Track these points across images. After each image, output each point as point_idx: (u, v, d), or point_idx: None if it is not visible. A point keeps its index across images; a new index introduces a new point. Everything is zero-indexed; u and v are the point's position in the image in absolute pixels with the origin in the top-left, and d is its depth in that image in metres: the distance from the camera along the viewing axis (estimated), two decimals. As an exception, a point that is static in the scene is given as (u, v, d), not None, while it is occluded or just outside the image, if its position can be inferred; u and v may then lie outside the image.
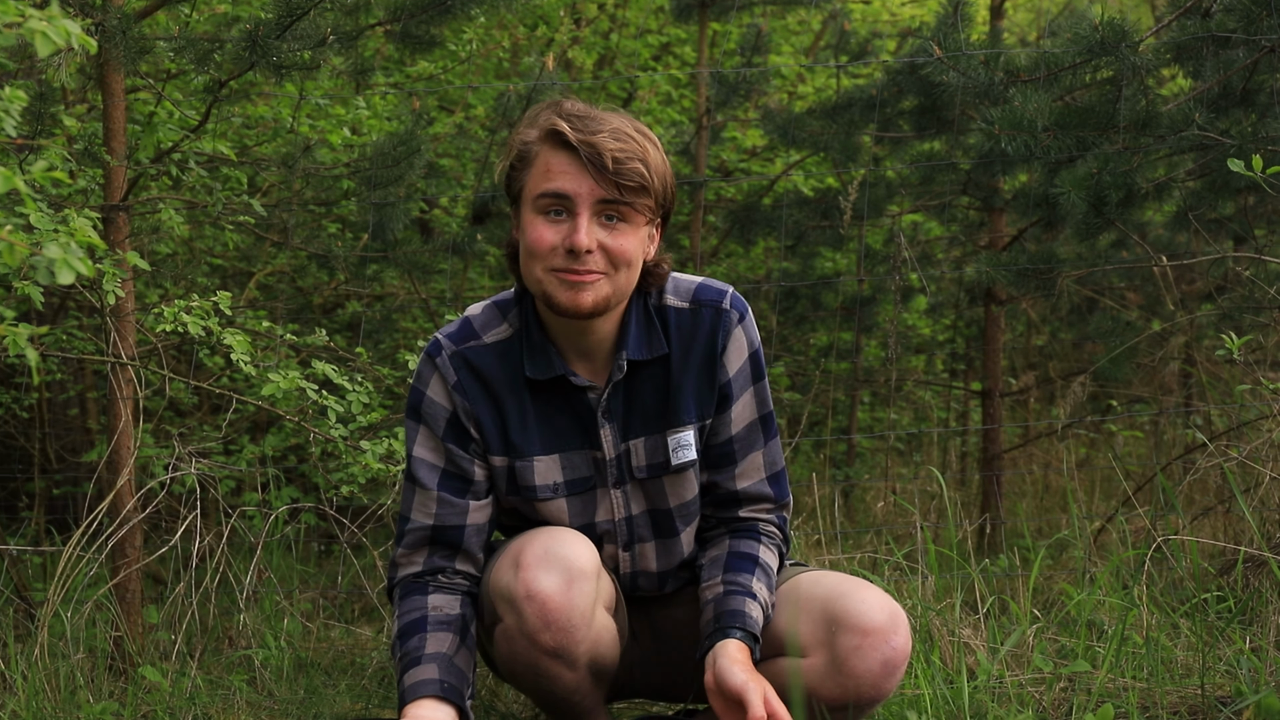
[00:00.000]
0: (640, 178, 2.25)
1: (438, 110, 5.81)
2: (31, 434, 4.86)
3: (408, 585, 2.45)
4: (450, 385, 2.41)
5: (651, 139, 2.31)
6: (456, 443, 2.43)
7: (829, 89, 6.07)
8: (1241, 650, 2.75)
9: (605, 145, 2.22)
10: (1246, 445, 3.70)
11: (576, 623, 2.32)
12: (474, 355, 2.43)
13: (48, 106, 3.42)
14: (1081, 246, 4.63)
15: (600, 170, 2.23)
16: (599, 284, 2.30)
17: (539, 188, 2.28)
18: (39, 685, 2.84)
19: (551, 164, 2.27)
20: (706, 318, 2.45)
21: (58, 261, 1.56)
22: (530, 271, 2.33)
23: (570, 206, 2.27)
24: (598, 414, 2.42)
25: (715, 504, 2.54)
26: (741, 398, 2.48)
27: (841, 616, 2.35)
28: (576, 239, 2.25)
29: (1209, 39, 3.65)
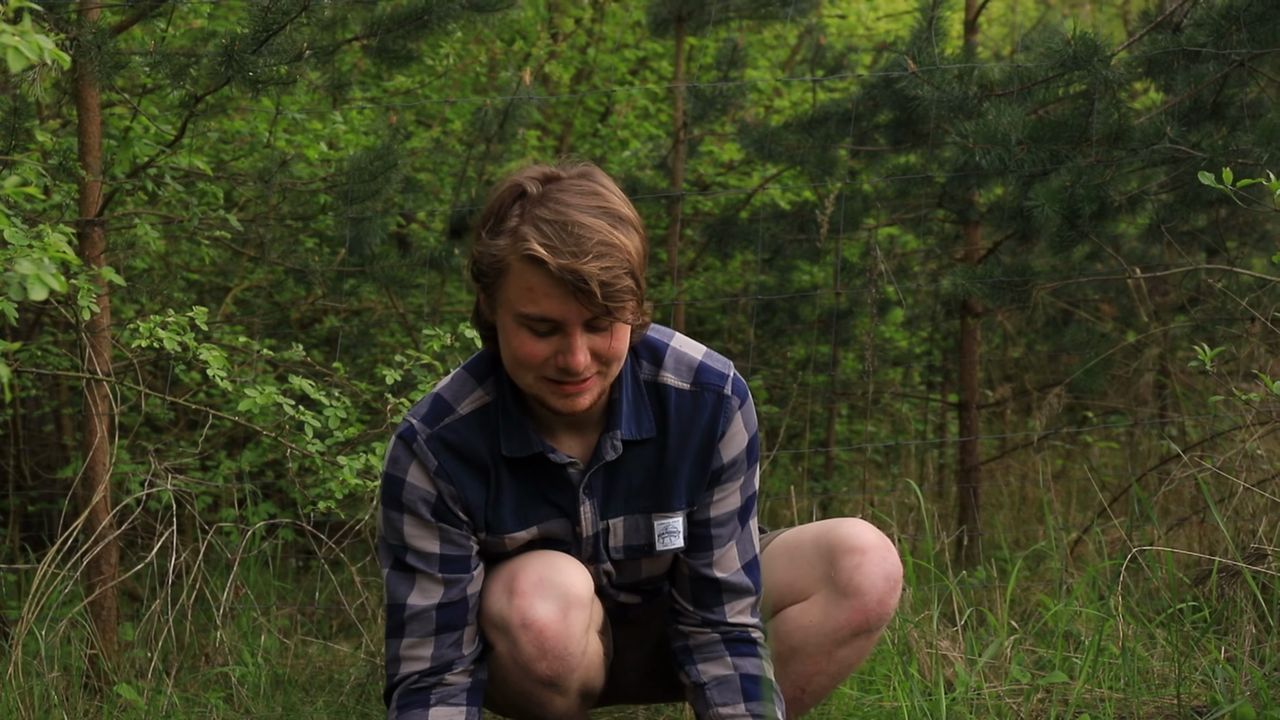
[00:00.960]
0: (630, 293, 2.10)
1: (415, 125, 5.81)
2: (6, 450, 4.83)
3: (408, 693, 2.33)
4: (432, 471, 2.28)
5: (626, 218, 2.13)
6: (449, 523, 2.31)
7: (805, 103, 6.10)
8: (1217, 660, 2.77)
9: (590, 272, 2.04)
10: (1220, 456, 3.73)
11: (572, 650, 2.28)
12: (451, 434, 2.29)
13: (22, 121, 3.41)
14: (1056, 259, 4.66)
15: (588, 298, 2.06)
16: (594, 384, 2.19)
17: (521, 308, 2.11)
18: (13, 704, 2.82)
19: (533, 285, 2.09)
20: (708, 402, 2.34)
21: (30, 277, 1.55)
22: (519, 376, 2.20)
23: (559, 327, 2.12)
24: (579, 490, 2.32)
25: (696, 593, 2.44)
26: (730, 483, 2.40)
27: (836, 544, 2.39)
28: (573, 361, 2.12)
29: (1180, 53, 3.68)
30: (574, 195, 2.11)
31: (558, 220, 2.07)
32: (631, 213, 2.14)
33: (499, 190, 2.16)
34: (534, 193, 2.11)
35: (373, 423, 4.00)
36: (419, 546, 2.30)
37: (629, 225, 2.12)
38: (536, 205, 2.10)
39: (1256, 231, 5.04)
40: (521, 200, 2.12)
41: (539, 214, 2.08)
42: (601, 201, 2.11)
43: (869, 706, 2.68)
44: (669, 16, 5.00)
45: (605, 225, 2.08)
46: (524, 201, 2.12)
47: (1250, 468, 3.58)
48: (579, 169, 2.16)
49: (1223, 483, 3.76)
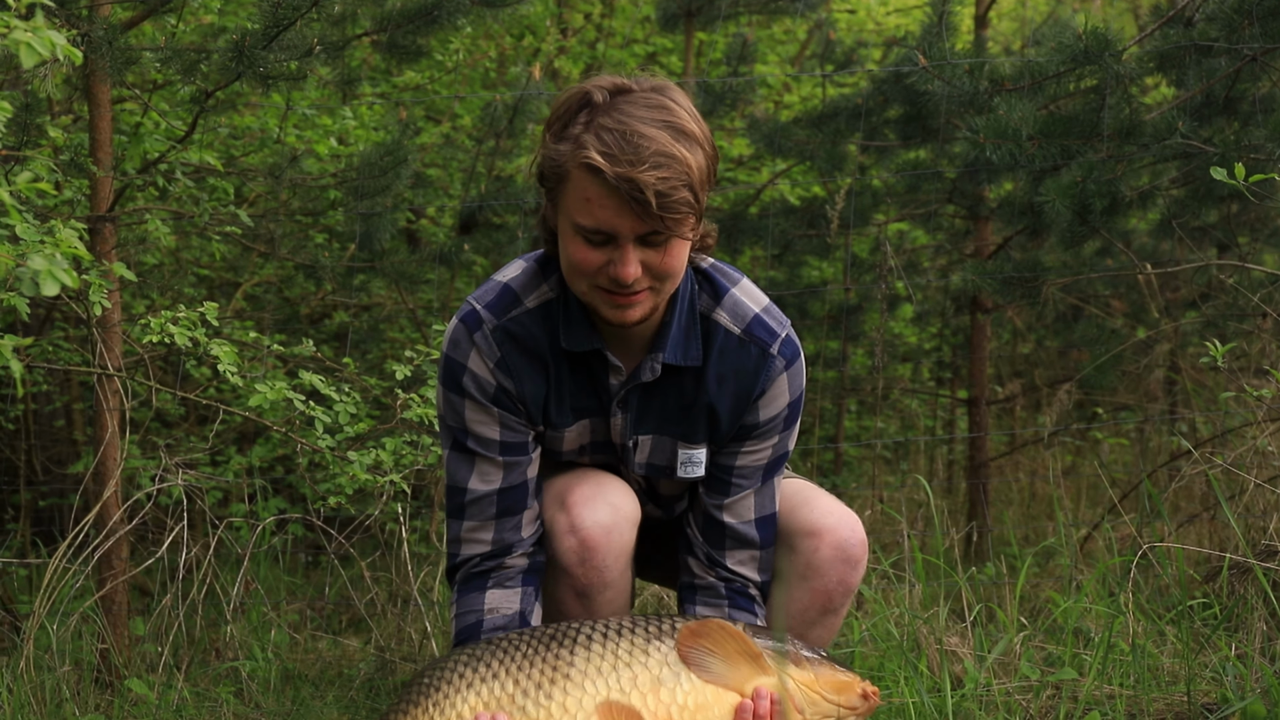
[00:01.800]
0: (687, 206, 2.08)
1: (424, 120, 5.82)
2: (17, 446, 4.84)
3: (469, 577, 2.38)
4: (494, 364, 2.31)
5: (690, 133, 2.10)
6: (509, 409, 2.34)
7: (815, 98, 6.09)
8: (1227, 657, 2.76)
9: (647, 181, 2.03)
10: (1231, 452, 3.72)
11: (611, 565, 2.33)
12: (517, 326, 2.31)
13: (33, 117, 3.41)
14: (1066, 254, 4.65)
15: (644, 207, 2.05)
16: (646, 299, 2.20)
17: (577, 218, 2.12)
18: (25, 698, 2.83)
19: (590, 194, 2.09)
20: (753, 355, 2.35)
21: (42, 273, 1.55)
22: (574, 283, 2.22)
23: (612, 238, 2.12)
24: (614, 400, 2.36)
25: (704, 528, 2.49)
26: (762, 441, 2.42)
27: (795, 529, 2.43)
28: (623, 271, 2.12)
29: (1192, 48, 3.67)
30: (640, 108, 2.09)
31: (619, 129, 2.06)
32: (700, 129, 2.12)
33: (567, 95, 2.16)
34: (600, 101, 2.11)
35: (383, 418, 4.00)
36: (479, 431, 2.33)
37: (693, 140, 2.10)
38: (601, 114, 2.09)
39: (1268, 227, 5.03)
40: (588, 108, 2.11)
41: (602, 122, 2.08)
42: (668, 115, 2.09)
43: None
44: (678, 11, 4.99)
45: (667, 137, 2.06)
46: (590, 109, 2.11)
47: (1261, 464, 3.57)
48: (652, 83, 2.15)
49: (1234, 479, 3.75)
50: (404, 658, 3.48)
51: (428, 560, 4.00)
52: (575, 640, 2.16)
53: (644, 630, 2.18)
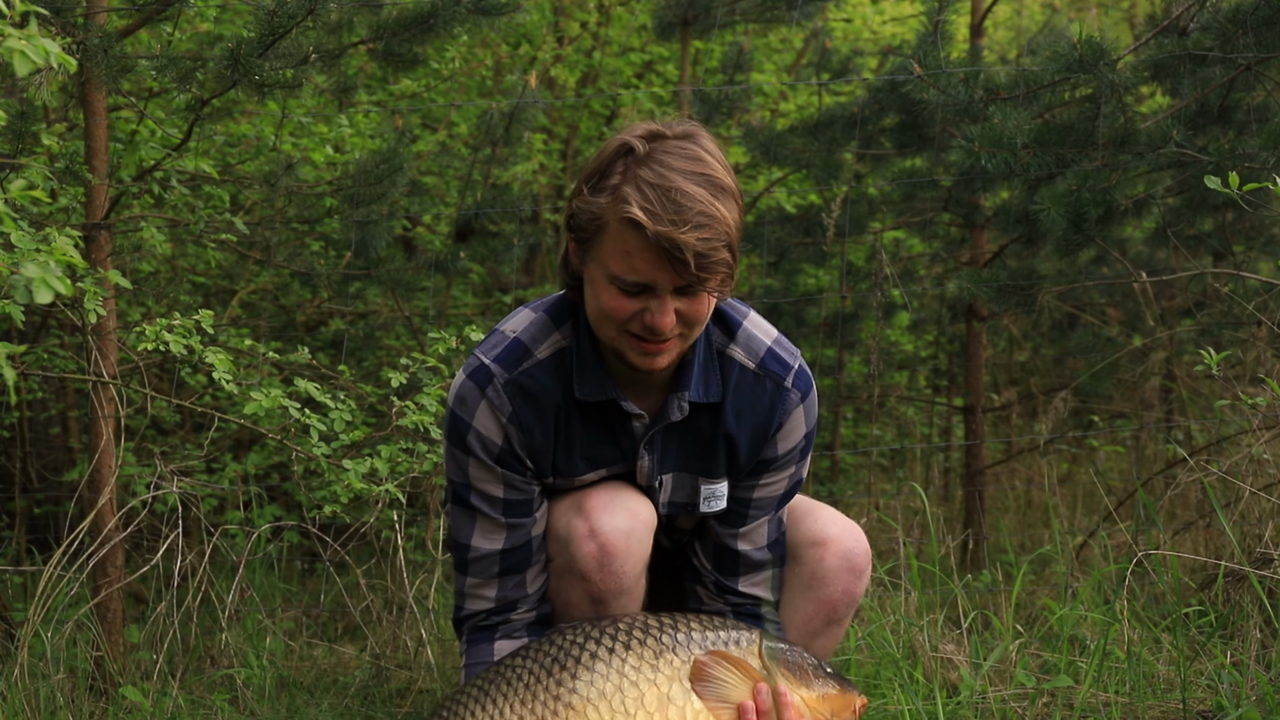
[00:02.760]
0: (724, 266, 2.09)
1: (421, 128, 5.82)
2: (13, 453, 4.84)
3: (476, 630, 2.40)
4: (505, 418, 2.29)
5: (728, 191, 2.11)
6: (514, 470, 2.32)
7: (811, 106, 6.10)
8: (1223, 665, 2.76)
9: (688, 242, 2.03)
10: (1226, 460, 3.72)
11: (628, 570, 2.32)
12: (528, 379, 2.30)
13: (29, 125, 3.42)
14: (1062, 263, 4.66)
15: (683, 267, 2.06)
16: (674, 346, 2.20)
17: (615, 269, 2.12)
18: (19, 706, 2.83)
19: (630, 249, 2.09)
20: (768, 390, 2.36)
21: (36, 280, 1.55)
22: (602, 329, 2.21)
23: (649, 289, 2.13)
24: (640, 444, 2.35)
25: (717, 558, 2.49)
26: (779, 473, 2.44)
27: (800, 539, 2.45)
28: (660, 322, 2.13)
29: (1186, 57, 3.68)
30: (678, 159, 2.10)
31: (660, 185, 2.06)
32: (732, 181, 2.13)
33: (607, 146, 2.16)
34: (640, 151, 2.11)
35: (378, 426, 4.00)
36: (482, 489, 2.33)
37: (729, 196, 2.11)
38: (640, 165, 2.10)
39: (1263, 235, 5.03)
40: (627, 158, 2.12)
41: (642, 175, 2.08)
42: (704, 169, 2.10)
43: (873, 710, 2.68)
44: (674, 20, 5.00)
45: (707, 195, 2.07)
46: (629, 160, 2.12)
47: (1257, 472, 3.57)
48: (683, 128, 2.15)
49: (1229, 487, 3.75)
50: (399, 665, 3.48)
51: (423, 568, 3.99)
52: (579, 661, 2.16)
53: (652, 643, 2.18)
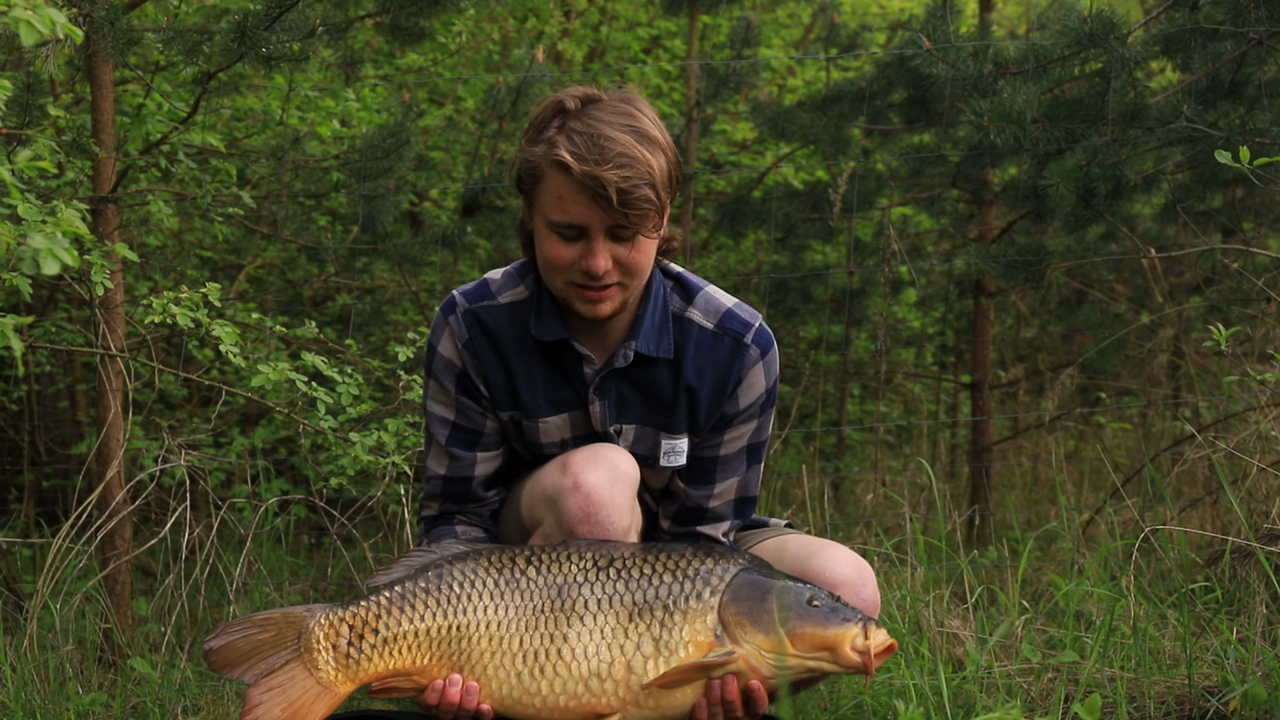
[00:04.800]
0: (647, 203, 2.25)
1: (427, 103, 5.80)
2: (21, 427, 4.85)
3: (432, 524, 2.56)
4: (461, 343, 2.47)
5: (653, 139, 2.29)
6: (467, 396, 2.48)
7: (819, 82, 6.08)
8: (1229, 640, 2.77)
9: (610, 179, 2.21)
10: (1234, 436, 3.71)
11: (615, 520, 2.35)
12: (486, 314, 2.47)
13: (35, 98, 3.41)
14: (1070, 239, 4.64)
15: (607, 203, 2.23)
16: (616, 293, 2.34)
17: (551, 215, 2.30)
18: (28, 677, 2.84)
19: (562, 192, 2.27)
20: (728, 346, 2.46)
21: (43, 251, 1.55)
22: (549, 279, 2.37)
23: (583, 232, 2.29)
24: (589, 389, 2.44)
25: (680, 516, 2.55)
26: (740, 427, 2.50)
27: (811, 576, 2.41)
28: (593, 264, 2.28)
29: (1197, 31, 3.65)
30: (608, 114, 2.29)
31: (587, 132, 2.26)
32: (663, 136, 2.31)
33: (542, 104, 2.36)
34: (572, 108, 2.30)
35: (385, 400, 4.00)
36: (437, 412, 2.51)
37: (655, 145, 2.29)
38: (572, 119, 2.29)
39: (1273, 212, 5.01)
40: (561, 115, 2.31)
41: (573, 126, 2.27)
42: (633, 121, 2.29)
43: (879, 685, 2.69)
44: (682, -6, 4.97)
45: (631, 140, 2.25)
46: (562, 116, 2.30)
47: (1265, 449, 3.56)
48: (620, 94, 2.34)
49: (1236, 463, 3.74)
50: (406, 639, 3.49)
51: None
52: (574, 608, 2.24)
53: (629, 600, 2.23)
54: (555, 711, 2.24)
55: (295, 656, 2.27)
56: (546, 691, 2.23)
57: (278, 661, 2.26)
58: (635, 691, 2.22)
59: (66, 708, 2.80)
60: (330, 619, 2.27)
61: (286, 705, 2.25)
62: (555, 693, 2.22)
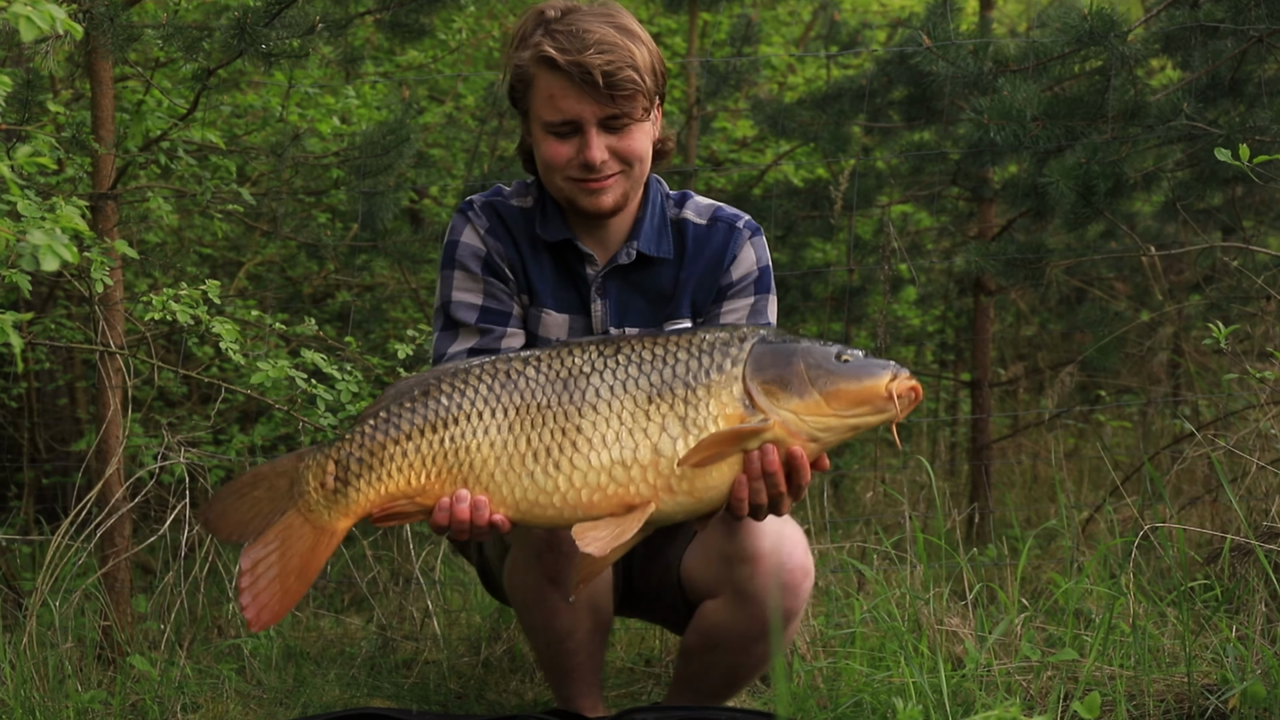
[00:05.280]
0: (632, 84, 2.36)
1: (427, 100, 5.80)
2: (20, 423, 4.85)
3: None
4: (483, 230, 2.55)
5: (634, 31, 2.42)
6: (495, 276, 2.54)
7: (819, 79, 6.07)
8: (1228, 638, 2.76)
9: (593, 63, 2.33)
10: (1234, 435, 3.71)
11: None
12: (502, 208, 2.58)
13: (35, 94, 3.40)
14: (1070, 237, 4.64)
15: (595, 88, 2.34)
16: (616, 183, 2.45)
17: (545, 115, 2.41)
18: (27, 674, 2.84)
19: (552, 89, 2.38)
20: (720, 231, 2.57)
21: (43, 248, 1.55)
22: (550, 181, 2.48)
23: (577, 126, 2.39)
24: (591, 288, 2.53)
25: None
26: (737, 300, 2.57)
27: (732, 553, 2.45)
28: (589, 155, 2.39)
29: (1197, 29, 3.65)
30: (587, 14, 2.42)
31: (568, 29, 2.38)
32: (642, 31, 2.44)
33: (524, 15, 2.49)
34: (553, 16, 2.42)
35: (385, 397, 4.00)
36: (464, 299, 2.55)
37: (635, 36, 2.41)
38: (554, 23, 2.41)
39: (1273, 209, 5.01)
40: (542, 21, 2.43)
41: (555, 27, 2.39)
42: (612, 16, 2.42)
43: (878, 683, 2.69)
44: (682, -9, 4.97)
45: (611, 30, 2.38)
46: (544, 22, 2.42)
47: (1264, 447, 3.56)
48: (601, 3, 2.46)
49: (1236, 461, 3.74)
50: (406, 636, 3.49)
51: (429, 539, 4.00)
52: (584, 396, 2.14)
53: (645, 384, 2.14)
54: (580, 508, 2.13)
55: (291, 505, 2.21)
56: (565, 488, 2.11)
57: (274, 517, 2.21)
58: (667, 476, 2.10)
59: (66, 705, 2.80)
60: (317, 459, 2.20)
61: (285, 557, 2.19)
62: (576, 488, 2.11)
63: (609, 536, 2.10)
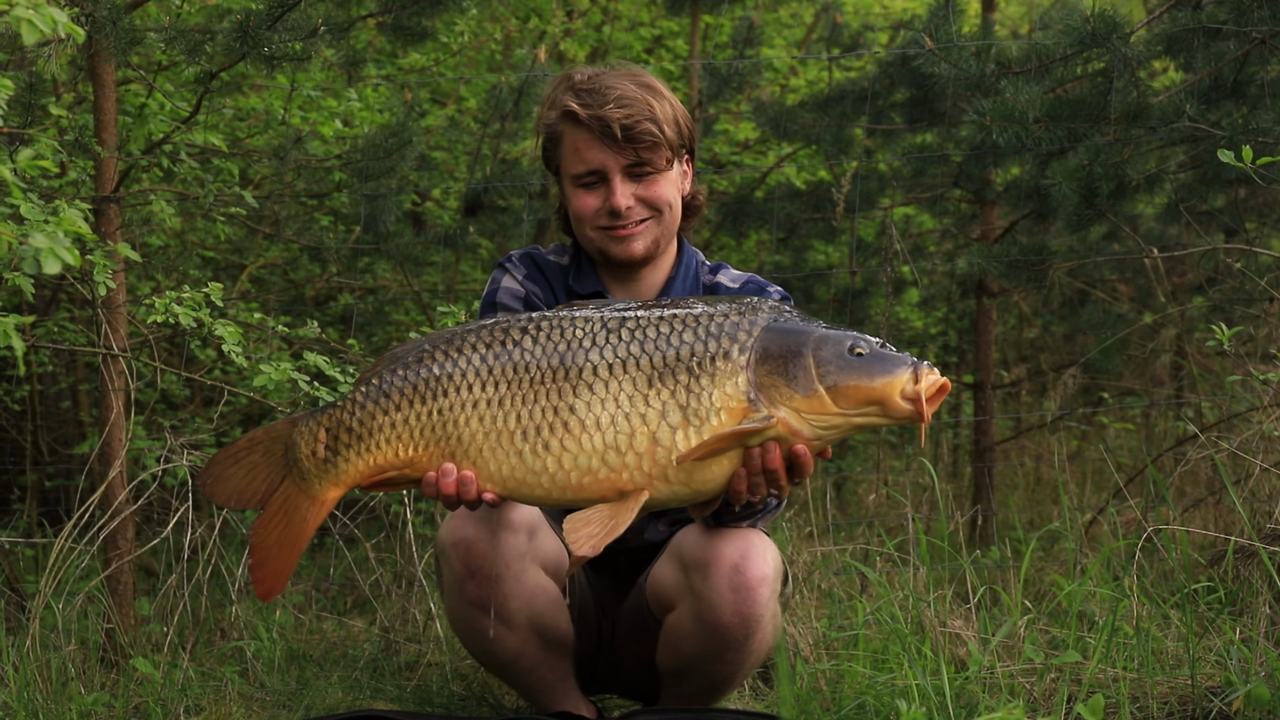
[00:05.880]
0: (651, 136, 2.46)
1: (430, 103, 5.80)
2: (23, 426, 4.85)
3: None
4: (521, 276, 2.65)
5: (656, 89, 2.52)
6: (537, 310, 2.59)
7: (821, 82, 6.07)
8: (1231, 641, 2.76)
9: (613, 116, 2.44)
10: (1237, 436, 3.71)
11: (501, 573, 2.38)
12: (539, 259, 2.68)
13: (38, 98, 3.41)
14: (1073, 238, 4.64)
15: (614, 140, 2.45)
16: (646, 231, 2.53)
17: (572, 169, 2.52)
18: (30, 676, 2.84)
19: (577, 143, 2.50)
20: (750, 292, 2.65)
21: (44, 251, 1.55)
22: (582, 234, 2.57)
23: (602, 176, 2.50)
24: None
25: None
26: None
27: (693, 559, 2.42)
28: (614, 201, 2.49)
29: (1200, 31, 3.65)
30: (612, 74, 2.54)
31: (592, 87, 2.50)
32: (666, 90, 2.54)
33: (552, 81, 2.63)
34: (579, 79, 2.54)
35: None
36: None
37: (657, 92, 2.51)
38: (579, 84, 2.52)
39: (1276, 211, 5.01)
40: (569, 84, 2.54)
41: (580, 87, 2.51)
42: (636, 75, 2.54)
43: (881, 685, 2.68)
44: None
45: (632, 86, 2.49)
46: (570, 84, 2.54)
47: (1267, 449, 3.56)
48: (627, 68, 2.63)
49: (1239, 463, 3.74)
50: (408, 638, 3.49)
51: (432, 542, 4.00)
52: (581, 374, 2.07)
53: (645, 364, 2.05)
54: (569, 490, 2.06)
55: (287, 473, 2.19)
56: (554, 469, 2.04)
57: (274, 482, 2.20)
58: (663, 466, 2.03)
59: (69, 708, 2.80)
60: (309, 425, 2.17)
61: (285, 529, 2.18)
62: (565, 469, 2.04)
63: (601, 534, 2.03)
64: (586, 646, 2.69)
